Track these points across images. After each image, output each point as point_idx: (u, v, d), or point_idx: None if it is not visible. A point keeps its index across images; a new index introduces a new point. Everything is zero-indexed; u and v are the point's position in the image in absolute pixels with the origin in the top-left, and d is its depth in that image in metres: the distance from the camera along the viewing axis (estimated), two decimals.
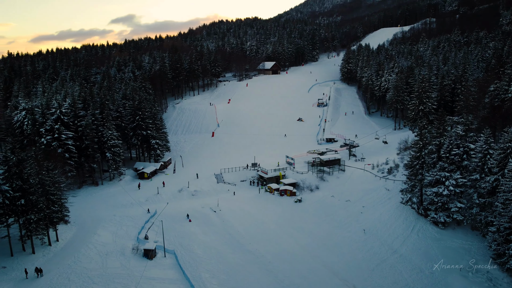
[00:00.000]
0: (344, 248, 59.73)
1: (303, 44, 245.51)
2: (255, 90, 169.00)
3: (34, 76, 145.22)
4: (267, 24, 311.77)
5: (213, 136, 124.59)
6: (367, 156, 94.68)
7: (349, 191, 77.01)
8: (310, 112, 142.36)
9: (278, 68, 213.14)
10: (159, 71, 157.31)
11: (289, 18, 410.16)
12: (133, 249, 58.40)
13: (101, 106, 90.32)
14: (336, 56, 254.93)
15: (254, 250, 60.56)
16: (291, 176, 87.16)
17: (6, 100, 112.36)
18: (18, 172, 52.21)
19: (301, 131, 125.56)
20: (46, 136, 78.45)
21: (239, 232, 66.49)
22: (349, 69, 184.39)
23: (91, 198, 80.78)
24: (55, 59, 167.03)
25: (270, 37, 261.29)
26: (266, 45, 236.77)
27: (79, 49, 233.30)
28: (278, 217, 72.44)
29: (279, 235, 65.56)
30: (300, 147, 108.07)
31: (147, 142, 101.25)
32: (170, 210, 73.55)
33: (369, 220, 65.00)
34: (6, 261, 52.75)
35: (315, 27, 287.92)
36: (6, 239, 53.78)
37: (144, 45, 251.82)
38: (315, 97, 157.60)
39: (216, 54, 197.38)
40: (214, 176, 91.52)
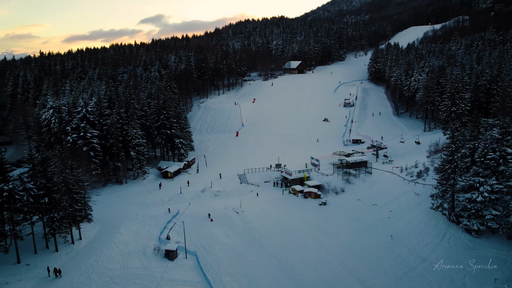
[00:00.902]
0: (370, 254, 57.39)
1: (330, 43, 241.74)
2: (280, 89, 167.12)
3: (63, 75, 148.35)
4: (294, 23, 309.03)
5: (237, 135, 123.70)
6: (395, 159, 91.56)
7: (376, 194, 74.29)
8: (336, 113, 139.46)
9: (304, 67, 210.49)
10: (184, 70, 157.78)
11: (316, 17, 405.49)
12: (154, 249, 57.98)
13: (126, 105, 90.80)
14: (364, 56, 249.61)
15: (277, 253, 59.07)
16: (316, 178, 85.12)
17: (36, 99, 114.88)
18: (43, 171, 52.56)
19: (327, 131, 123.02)
20: (72, 134, 79.34)
21: (261, 235, 65.11)
22: (377, 68, 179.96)
23: (115, 196, 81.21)
24: (84, 59, 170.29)
25: (296, 36, 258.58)
26: (292, 44, 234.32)
27: (108, 49, 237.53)
28: (302, 220, 70.56)
29: (303, 238, 63.76)
30: (325, 148, 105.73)
31: (171, 141, 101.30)
32: (193, 210, 73.03)
33: (397, 226, 62.32)
34: (30, 258, 53.20)
35: (342, 26, 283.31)
36: (30, 237, 54.29)
37: (171, 44, 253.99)
38: (342, 97, 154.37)
39: (241, 53, 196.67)
40: (238, 177, 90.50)
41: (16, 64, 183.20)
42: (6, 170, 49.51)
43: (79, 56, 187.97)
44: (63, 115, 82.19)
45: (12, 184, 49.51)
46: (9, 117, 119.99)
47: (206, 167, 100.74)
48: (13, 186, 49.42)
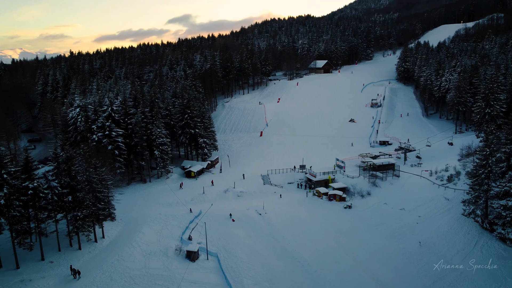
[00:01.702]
0: (397, 261, 55.23)
1: (357, 42, 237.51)
2: (306, 89, 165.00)
3: (91, 74, 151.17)
4: (320, 22, 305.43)
5: (261, 135, 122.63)
6: (424, 162, 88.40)
7: (403, 199, 71.72)
8: (363, 113, 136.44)
9: (330, 67, 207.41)
10: (209, 69, 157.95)
11: (343, 15, 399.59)
12: (176, 249, 57.62)
13: (150, 104, 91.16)
14: (392, 55, 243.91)
15: (300, 257, 57.67)
16: (341, 180, 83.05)
17: (64, 97, 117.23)
18: (67, 169, 52.90)
19: (353, 132, 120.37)
20: (98, 133, 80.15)
21: (284, 237, 63.81)
22: (406, 68, 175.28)
23: (139, 195, 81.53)
24: (111, 58, 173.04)
25: (322, 35, 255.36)
26: (318, 43, 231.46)
27: (135, 48, 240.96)
28: (326, 223, 68.79)
29: (327, 242, 62.04)
30: (351, 149, 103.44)
31: (195, 141, 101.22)
32: (215, 211, 72.39)
33: (425, 232, 59.83)
34: (53, 255, 53.66)
35: (370, 25, 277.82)
36: (54, 234, 54.77)
37: (197, 44, 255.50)
38: (369, 97, 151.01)
39: (266, 52, 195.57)
40: (261, 177, 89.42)
41: (46, 63, 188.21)
42: (31, 168, 50.03)
43: (106, 55, 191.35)
44: (89, 113, 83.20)
45: (37, 182, 50.01)
46: (39, 115, 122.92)
47: (230, 167, 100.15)
48: (38, 184, 49.91)
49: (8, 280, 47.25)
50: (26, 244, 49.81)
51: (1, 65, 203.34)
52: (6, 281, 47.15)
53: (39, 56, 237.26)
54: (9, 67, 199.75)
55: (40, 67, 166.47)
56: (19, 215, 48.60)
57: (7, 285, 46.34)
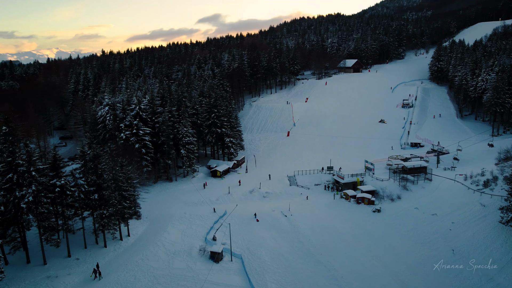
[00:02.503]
0: (428, 269, 52.64)
1: (388, 40, 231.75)
2: (335, 89, 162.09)
3: (121, 73, 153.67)
4: (350, 20, 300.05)
5: (288, 135, 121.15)
6: (458, 165, 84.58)
7: (436, 203, 68.57)
8: (393, 114, 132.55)
9: (360, 66, 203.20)
10: (237, 68, 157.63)
11: (374, 13, 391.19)
12: (200, 250, 57.15)
13: (178, 103, 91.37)
14: (425, 54, 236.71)
15: (326, 261, 56.00)
16: (370, 183, 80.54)
17: (94, 96, 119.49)
18: (93, 167, 53.26)
19: (383, 133, 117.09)
20: (125, 131, 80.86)
21: (310, 241, 62.23)
22: (440, 67, 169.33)
23: (165, 193, 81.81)
24: (141, 57, 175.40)
25: (352, 33, 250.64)
26: (348, 42, 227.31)
27: (165, 48, 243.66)
28: (354, 227, 66.62)
29: (354, 247, 60.03)
30: (380, 151, 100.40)
31: (221, 140, 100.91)
32: (240, 211, 71.60)
33: (459, 239, 56.83)
34: (79, 252, 54.20)
35: (402, 23, 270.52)
36: (81, 231, 55.33)
37: (225, 43, 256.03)
38: (400, 98, 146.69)
39: (295, 51, 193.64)
40: (287, 178, 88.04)
41: (79, 62, 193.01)
42: (59, 166, 50.61)
43: (136, 54, 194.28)
44: (117, 112, 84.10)
45: (65, 180, 50.53)
46: (71, 113, 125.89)
47: (255, 167, 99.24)
48: (65, 181, 50.42)
49: (35, 276, 47.96)
50: (53, 241, 50.39)
51: (36, 64, 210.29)
52: (33, 276, 47.87)
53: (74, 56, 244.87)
54: (44, 66, 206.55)
55: (73, 66, 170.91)
56: (46, 212, 49.19)
57: (34, 281, 47.02)
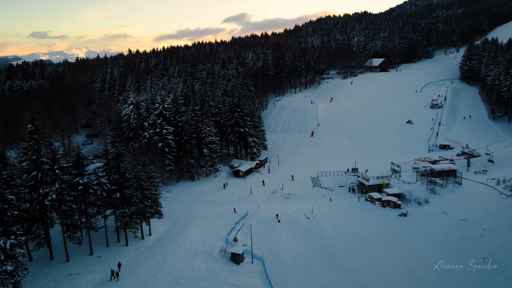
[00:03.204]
0: (457, 278, 50.35)
1: (417, 39, 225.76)
2: (361, 88, 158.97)
3: (146, 72, 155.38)
4: (377, 19, 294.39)
5: (312, 136, 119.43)
6: (490, 169, 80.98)
7: (465, 209, 65.68)
8: (421, 114, 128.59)
9: (387, 65, 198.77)
10: (261, 67, 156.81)
11: (402, 11, 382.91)
12: (220, 251, 56.69)
13: (201, 102, 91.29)
14: (455, 52, 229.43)
15: (349, 266, 54.49)
16: (396, 186, 78.10)
17: (120, 95, 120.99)
18: (116, 166, 53.40)
19: (410, 135, 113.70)
20: (149, 130, 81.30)
21: (333, 244, 60.78)
22: (471, 66, 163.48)
23: (187, 192, 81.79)
24: (166, 56, 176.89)
25: (379, 32, 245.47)
26: (374, 40, 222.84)
27: (190, 47, 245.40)
28: (379, 231, 64.66)
29: (379, 252, 58.18)
30: (407, 153, 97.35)
31: (244, 140, 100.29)
32: (262, 212, 70.76)
33: (491, 247, 54.10)
34: (101, 250, 54.52)
35: (431, 21, 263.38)
36: (103, 229, 55.62)
37: (250, 42, 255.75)
38: (428, 98, 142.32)
39: (320, 50, 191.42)
40: (310, 179, 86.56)
41: (106, 61, 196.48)
42: (82, 164, 50.97)
43: (162, 54, 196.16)
44: (141, 111, 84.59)
45: (87, 178, 50.86)
46: (97, 111, 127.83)
47: (278, 168, 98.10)
48: (88, 180, 50.73)
49: (57, 273, 48.47)
50: (76, 238, 50.81)
51: (66, 64, 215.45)
52: (56, 273, 48.39)
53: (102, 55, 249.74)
54: (73, 65, 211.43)
55: (100, 65, 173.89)
56: (69, 209, 49.60)
57: (57, 278, 47.52)
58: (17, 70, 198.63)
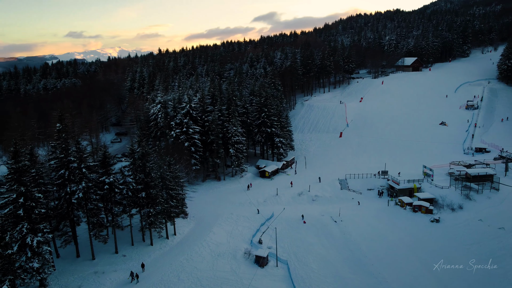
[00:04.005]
0: None
1: (452, 37, 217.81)
2: (392, 88, 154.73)
3: (174, 71, 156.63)
4: (410, 17, 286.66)
5: (341, 136, 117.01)
6: None
7: (503, 216, 62.34)
8: (456, 116, 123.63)
9: (420, 64, 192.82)
10: (289, 67, 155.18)
11: (437, 9, 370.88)
12: (245, 253, 55.96)
13: (228, 102, 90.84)
14: (493, 51, 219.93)
15: (377, 273, 52.63)
16: (428, 190, 75.08)
17: (149, 94, 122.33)
18: (142, 166, 53.45)
19: (444, 137, 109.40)
20: (176, 129, 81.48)
21: (361, 249, 58.96)
22: (510, 66, 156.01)
23: (213, 192, 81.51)
24: (195, 56, 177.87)
25: (412, 30, 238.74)
26: (407, 39, 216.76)
27: (218, 46, 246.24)
28: (409, 237, 62.17)
29: (409, 259, 55.91)
30: (440, 156, 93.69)
31: (271, 140, 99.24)
32: (288, 215, 69.68)
33: None
34: (126, 249, 54.78)
35: (467, 18, 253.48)
36: (128, 228, 55.84)
37: (278, 41, 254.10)
38: (464, 98, 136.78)
39: (350, 49, 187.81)
40: (338, 182, 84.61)
41: (136, 61, 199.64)
42: (108, 164, 51.23)
43: (190, 53, 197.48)
44: (169, 110, 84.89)
45: (113, 178, 51.09)
46: (127, 110, 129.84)
47: (305, 169, 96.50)
48: (114, 179, 50.95)
49: (83, 271, 48.98)
50: (101, 237, 51.18)
51: (98, 63, 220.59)
52: (81, 271, 48.91)
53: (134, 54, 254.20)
54: (104, 64, 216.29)
55: (130, 65, 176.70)
56: (95, 208, 49.97)
57: (82, 275, 47.99)
58: (52, 69, 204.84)
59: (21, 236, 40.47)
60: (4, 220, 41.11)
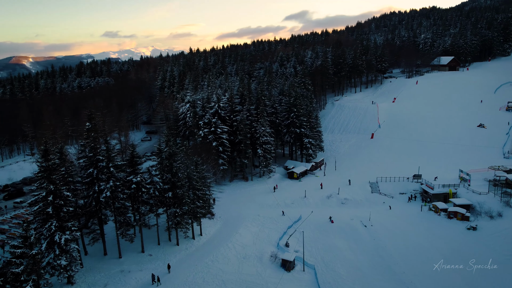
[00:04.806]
0: None
1: (492, 35, 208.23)
2: (426, 88, 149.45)
3: (204, 70, 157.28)
4: (447, 14, 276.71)
5: (372, 137, 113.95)
6: None
7: None
8: (495, 118, 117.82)
9: (457, 63, 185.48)
10: (320, 66, 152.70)
11: (476, 6, 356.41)
12: (271, 256, 55.09)
13: (257, 102, 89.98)
14: None
15: (409, 282, 50.63)
16: (465, 196, 71.54)
17: (178, 93, 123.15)
18: (169, 165, 53.34)
19: (482, 140, 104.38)
20: (204, 129, 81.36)
21: (392, 256, 56.84)
22: None
23: (240, 193, 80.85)
24: (225, 55, 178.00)
25: (449, 28, 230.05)
26: (443, 37, 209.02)
27: (249, 45, 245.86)
28: (444, 245, 59.34)
29: (443, 268, 53.26)
30: (478, 160, 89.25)
31: (300, 140, 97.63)
32: (316, 218, 68.11)
33: None
34: (153, 249, 54.86)
35: (509, 15, 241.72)
36: (155, 228, 55.89)
37: (309, 40, 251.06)
38: (504, 99, 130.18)
39: (383, 48, 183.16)
40: (369, 184, 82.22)
41: (168, 60, 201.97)
42: (136, 163, 51.35)
43: (221, 52, 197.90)
44: (197, 109, 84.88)
45: (141, 177, 51.17)
46: (157, 108, 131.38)
47: (335, 171, 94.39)
48: (141, 178, 51.04)
49: (110, 269, 49.34)
50: (128, 236, 51.41)
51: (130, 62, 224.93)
52: (108, 269, 49.29)
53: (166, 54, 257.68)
54: (137, 64, 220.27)
55: (161, 64, 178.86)
56: (122, 207, 50.20)
57: (109, 274, 48.34)
58: (86, 68, 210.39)
59: (49, 233, 41.05)
60: (34, 217, 41.95)
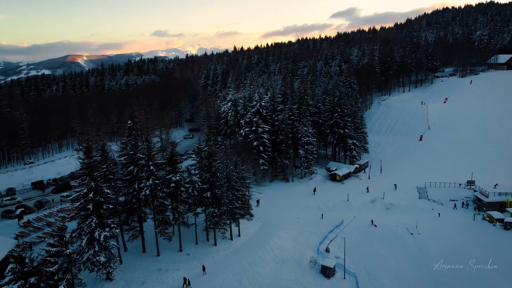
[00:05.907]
0: None
1: None
2: (482, 88, 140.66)
3: (247, 69, 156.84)
4: (507, 9, 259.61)
5: (421, 140, 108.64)
6: None
7: None
8: None
9: None
10: (366, 64, 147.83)
11: None
12: (310, 261, 53.32)
13: (299, 101, 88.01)
14: None
15: None
16: None
17: (221, 91, 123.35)
18: (208, 165, 52.78)
19: None
20: (245, 128, 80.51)
21: (440, 267, 52.97)
22: None
23: (280, 194, 79.37)
24: (268, 53, 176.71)
25: (508, 24, 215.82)
26: (502, 34, 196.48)
27: (293, 43, 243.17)
28: (500, 259, 54.65)
29: (498, 284, 49.16)
30: None
31: (343, 141, 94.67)
32: (358, 223, 65.44)
33: None
34: (190, 248, 54.56)
35: None
36: (193, 227, 55.57)
37: (356, 37, 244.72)
38: None
39: (434, 46, 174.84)
40: (416, 190, 78.15)
41: (212, 58, 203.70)
42: (176, 162, 51.15)
43: (264, 50, 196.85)
44: (239, 108, 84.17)
45: (180, 176, 50.90)
46: (200, 107, 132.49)
47: (380, 174, 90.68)
48: (180, 178, 50.77)
49: (148, 267, 49.43)
50: (166, 234, 51.30)
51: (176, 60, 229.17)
52: (146, 267, 49.40)
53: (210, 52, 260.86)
54: (182, 62, 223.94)
55: (205, 62, 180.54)
56: (161, 206, 50.16)
57: (146, 271, 48.41)
58: (134, 66, 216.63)
59: (89, 230, 41.51)
60: (77, 213, 42.64)
